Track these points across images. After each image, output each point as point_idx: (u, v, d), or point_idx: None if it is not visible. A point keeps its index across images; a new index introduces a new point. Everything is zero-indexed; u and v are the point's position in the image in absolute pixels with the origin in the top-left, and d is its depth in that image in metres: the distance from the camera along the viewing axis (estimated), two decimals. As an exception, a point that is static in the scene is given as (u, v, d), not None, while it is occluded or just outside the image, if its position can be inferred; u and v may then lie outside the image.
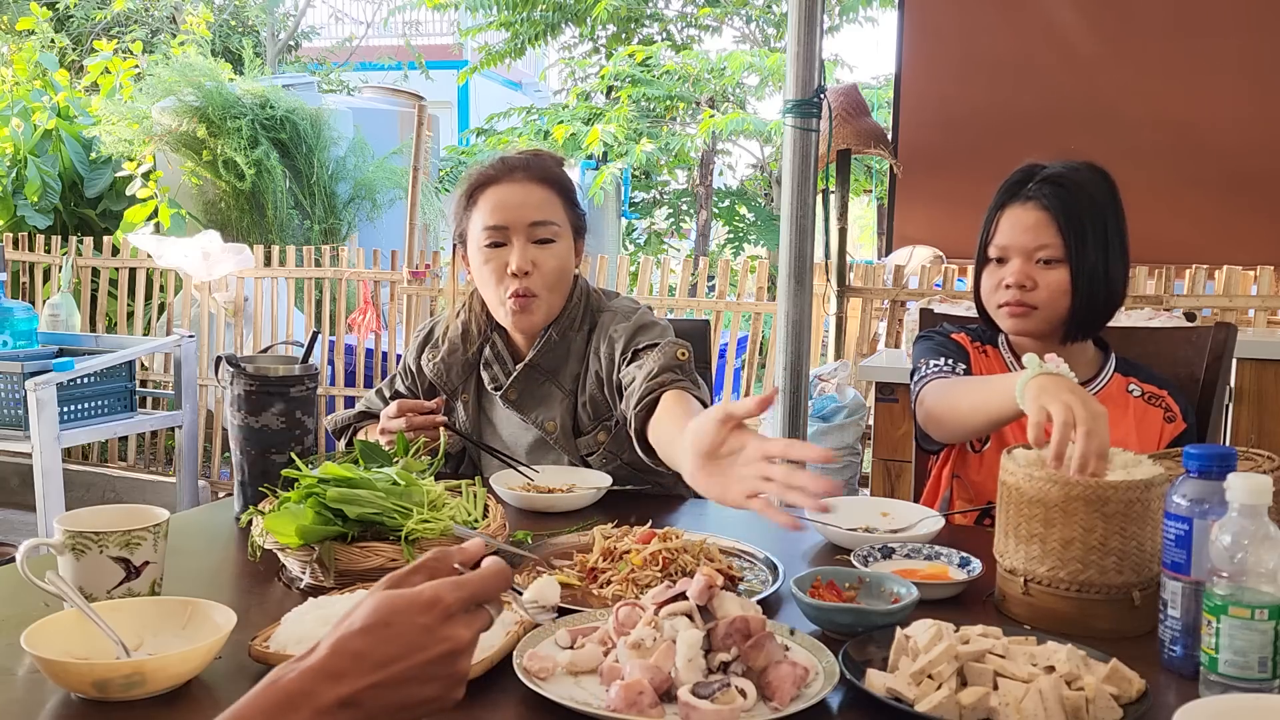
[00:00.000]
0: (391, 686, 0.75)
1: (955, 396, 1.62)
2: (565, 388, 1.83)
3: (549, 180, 1.81)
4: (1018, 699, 0.94)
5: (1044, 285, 1.68)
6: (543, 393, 1.84)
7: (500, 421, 1.91)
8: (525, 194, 1.78)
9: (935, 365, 1.73)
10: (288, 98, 6.27)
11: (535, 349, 1.83)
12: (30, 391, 3.32)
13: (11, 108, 6.16)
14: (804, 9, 2.62)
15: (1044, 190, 1.68)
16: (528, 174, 1.80)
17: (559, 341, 1.83)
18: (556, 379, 1.83)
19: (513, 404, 1.84)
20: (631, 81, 9.09)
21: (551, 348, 1.83)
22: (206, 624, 1.08)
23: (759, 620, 1.02)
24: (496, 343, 1.88)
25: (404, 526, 1.28)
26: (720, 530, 1.49)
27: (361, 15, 15.65)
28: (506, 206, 1.77)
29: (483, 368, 1.88)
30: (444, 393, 1.90)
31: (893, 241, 4.77)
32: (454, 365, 1.90)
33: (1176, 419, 1.74)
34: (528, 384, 1.84)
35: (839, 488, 1.15)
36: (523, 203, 1.77)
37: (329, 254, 5.13)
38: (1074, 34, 4.45)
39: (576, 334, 1.84)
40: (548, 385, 1.84)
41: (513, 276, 1.75)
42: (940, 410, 1.65)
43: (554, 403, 1.83)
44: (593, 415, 1.82)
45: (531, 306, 1.78)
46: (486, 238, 1.77)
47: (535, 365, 1.83)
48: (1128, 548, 1.16)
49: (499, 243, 1.77)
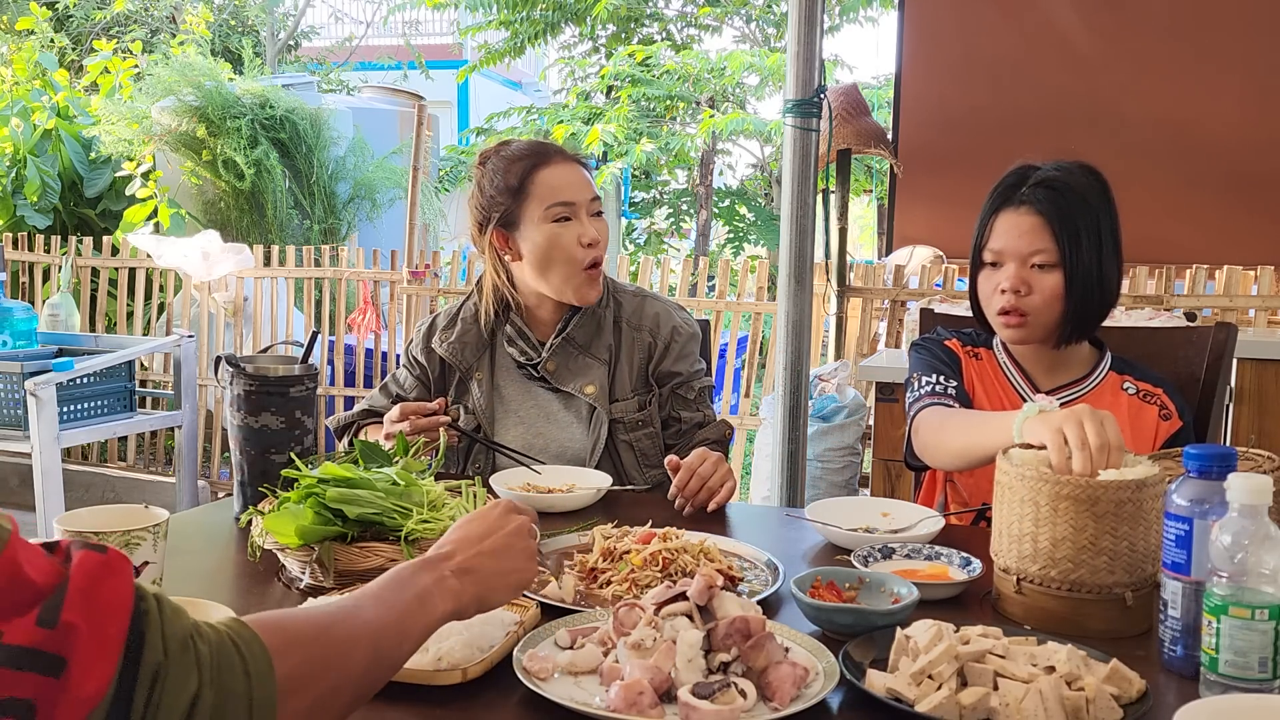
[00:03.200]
0: (490, 555, 0.99)
1: (948, 434, 1.61)
2: (600, 357, 1.93)
3: (582, 162, 1.93)
4: (1018, 699, 0.94)
5: (1039, 290, 1.68)
6: (579, 364, 1.93)
7: (516, 396, 1.95)
8: (577, 173, 1.90)
9: (928, 384, 1.74)
10: (287, 97, 6.27)
11: (570, 324, 1.92)
12: (30, 391, 3.32)
13: (11, 108, 6.16)
14: (804, 9, 2.62)
15: (1037, 194, 1.68)
16: (566, 157, 1.91)
17: (589, 316, 1.93)
18: (590, 350, 1.93)
19: (550, 374, 1.93)
20: (631, 81, 9.08)
21: (584, 322, 1.93)
22: None
23: (759, 620, 1.02)
24: (517, 321, 1.95)
25: (404, 526, 1.28)
26: (720, 530, 1.49)
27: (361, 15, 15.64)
28: (572, 185, 1.87)
29: (507, 344, 1.95)
30: (459, 371, 1.96)
31: (893, 241, 4.77)
32: (468, 345, 1.96)
33: (1173, 417, 1.73)
34: (563, 356, 1.93)
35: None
36: (582, 181, 1.89)
37: (329, 254, 5.13)
38: (1074, 34, 4.45)
39: (604, 310, 1.95)
40: (582, 357, 1.93)
41: (587, 248, 1.85)
42: (933, 444, 1.66)
43: (591, 370, 1.92)
44: (633, 385, 1.94)
45: (598, 278, 1.90)
46: (556, 214, 1.85)
47: (570, 338, 1.92)
48: (1119, 548, 1.16)
49: (567, 217, 1.85)
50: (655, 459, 1.92)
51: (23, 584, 0.66)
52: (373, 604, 0.87)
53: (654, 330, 1.94)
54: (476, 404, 1.94)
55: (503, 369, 1.96)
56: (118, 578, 0.70)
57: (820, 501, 1.62)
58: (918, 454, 1.73)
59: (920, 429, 1.70)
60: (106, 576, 0.69)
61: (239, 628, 0.76)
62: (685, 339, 1.96)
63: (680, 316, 1.99)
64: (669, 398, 1.95)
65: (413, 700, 1.00)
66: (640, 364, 1.94)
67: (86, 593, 0.68)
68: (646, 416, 1.93)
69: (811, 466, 3.47)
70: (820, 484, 3.61)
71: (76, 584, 0.68)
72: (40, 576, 0.67)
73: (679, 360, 1.95)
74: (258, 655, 0.74)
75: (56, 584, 0.67)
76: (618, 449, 1.91)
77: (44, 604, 0.66)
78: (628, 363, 1.93)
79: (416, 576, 0.92)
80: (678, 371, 1.95)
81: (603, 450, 1.89)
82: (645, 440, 1.92)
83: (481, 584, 0.97)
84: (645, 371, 1.94)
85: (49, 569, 0.68)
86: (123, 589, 0.70)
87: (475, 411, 1.93)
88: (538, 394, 1.95)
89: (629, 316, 1.95)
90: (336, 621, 0.83)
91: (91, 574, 0.69)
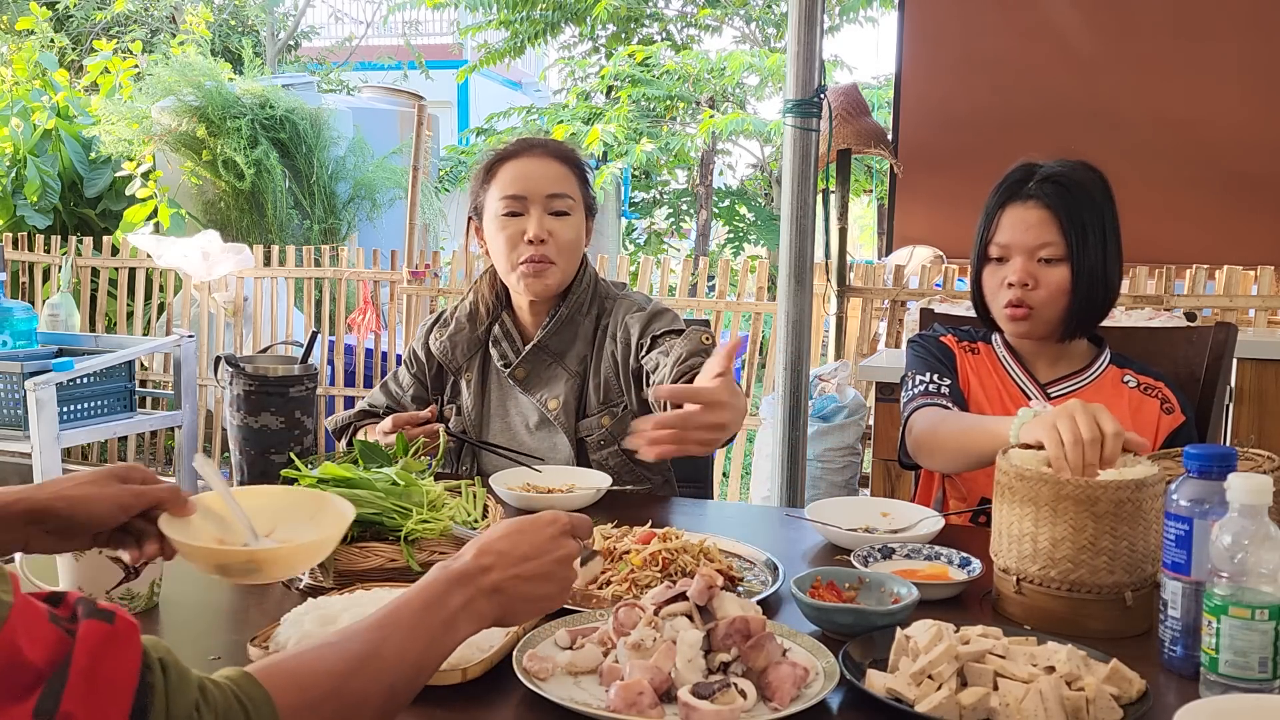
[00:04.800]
0: (527, 579, 0.93)
1: (943, 437, 1.61)
2: (571, 369, 1.87)
3: (565, 157, 1.87)
4: (1018, 699, 0.94)
5: (1045, 283, 1.69)
6: (549, 374, 1.88)
7: (505, 400, 1.93)
8: (543, 167, 1.84)
9: (922, 383, 1.74)
10: (287, 97, 6.27)
11: (544, 330, 1.87)
12: (30, 391, 3.32)
13: (11, 108, 6.16)
14: (804, 9, 2.62)
15: (1045, 189, 1.69)
16: (546, 150, 1.87)
17: (567, 323, 1.87)
18: (563, 361, 1.88)
19: (520, 382, 1.89)
20: (631, 81, 9.08)
21: (559, 329, 1.87)
22: (331, 514, 1.11)
23: (759, 620, 1.02)
24: (505, 321, 1.92)
25: (403, 526, 1.28)
26: (720, 530, 1.49)
27: (361, 15, 15.64)
28: (527, 177, 1.83)
29: (492, 345, 1.92)
30: (450, 371, 1.94)
31: (893, 241, 4.76)
32: (459, 344, 1.93)
33: (1175, 410, 1.74)
34: (535, 364, 1.89)
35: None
36: (541, 175, 1.83)
37: (329, 254, 5.13)
38: (1074, 34, 4.45)
39: (585, 318, 1.89)
40: (554, 367, 1.88)
41: (528, 244, 1.80)
42: (928, 446, 1.66)
43: (559, 383, 1.87)
44: (602, 399, 1.86)
45: (546, 273, 1.83)
46: (504, 207, 1.82)
47: (544, 346, 1.87)
48: (1118, 548, 1.16)
49: (516, 212, 1.82)
50: (630, 477, 1.85)
51: (21, 667, 0.63)
52: (399, 636, 0.84)
53: (627, 325, 1.84)
54: (465, 408, 1.92)
55: (493, 371, 1.94)
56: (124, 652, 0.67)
57: (820, 501, 1.62)
58: (911, 455, 1.73)
59: (915, 429, 1.70)
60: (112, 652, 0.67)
61: (249, 687, 0.73)
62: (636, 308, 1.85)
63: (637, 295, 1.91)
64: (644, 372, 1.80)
65: (413, 700, 0.99)
66: (610, 374, 1.86)
67: (89, 674, 0.65)
68: (612, 434, 1.83)
69: (811, 466, 3.47)
70: (820, 484, 3.61)
71: (79, 665, 0.65)
72: (41, 654, 0.64)
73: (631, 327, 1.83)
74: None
75: (58, 662, 0.64)
76: (591, 467, 1.84)
77: (44, 689, 0.63)
78: (597, 375, 1.86)
79: (449, 595, 0.89)
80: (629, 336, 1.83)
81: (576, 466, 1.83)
82: (614, 459, 1.84)
83: (506, 607, 0.93)
84: (618, 380, 1.85)
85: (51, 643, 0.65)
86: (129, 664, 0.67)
87: (464, 414, 1.92)
88: (520, 400, 1.91)
89: (605, 325, 1.88)
90: (355, 671, 0.80)
91: (95, 651, 0.66)
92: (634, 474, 1.86)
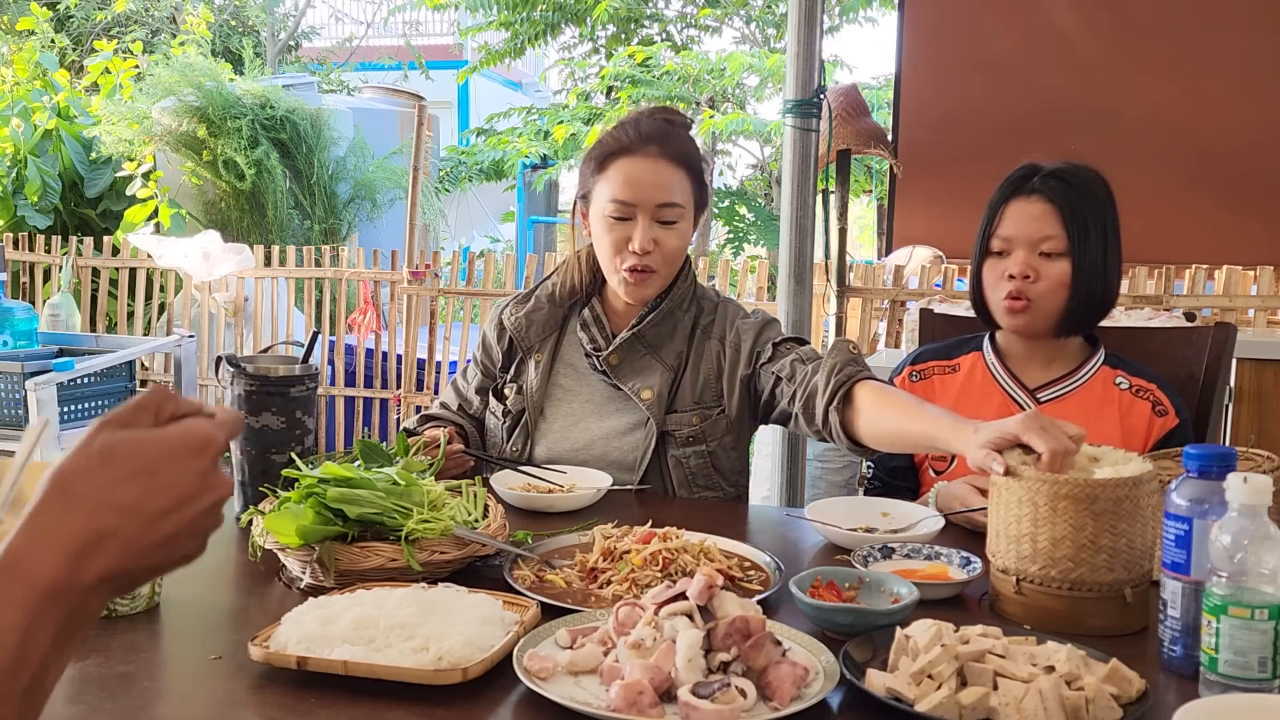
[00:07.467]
0: (162, 545, 0.62)
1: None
2: (667, 362, 1.84)
3: (680, 159, 1.80)
4: (1018, 699, 0.94)
5: (1045, 276, 1.71)
6: (643, 364, 1.85)
7: (572, 384, 1.89)
8: (656, 173, 1.77)
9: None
10: (288, 98, 6.28)
11: (644, 321, 1.84)
12: (30, 391, 3.32)
13: (11, 108, 6.17)
14: (804, 9, 2.62)
15: (1049, 184, 1.72)
16: (661, 150, 1.78)
17: (666, 317, 1.85)
18: (658, 353, 1.85)
19: (612, 369, 1.85)
20: (631, 82, 9.09)
21: (659, 322, 1.84)
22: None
23: (759, 620, 1.02)
24: (596, 306, 1.88)
25: (404, 526, 1.28)
26: (720, 530, 1.49)
27: (361, 15, 15.65)
28: (638, 184, 1.76)
29: (581, 329, 1.89)
30: (520, 348, 1.91)
31: (893, 241, 4.76)
32: (536, 322, 1.91)
33: (1168, 413, 1.74)
34: (629, 353, 1.85)
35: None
36: (654, 183, 1.77)
37: (329, 254, 5.14)
38: (1074, 34, 4.45)
39: (684, 313, 1.87)
40: (649, 358, 1.85)
41: (633, 253, 1.77)
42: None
43: (653, 374, 1.84)
44: (697, 397, 1.83)
45: (647, 281, 1.79)
46: (614, 210, 1.77)
47: (640, 336, 1.84)
48: (1118, 545, 1.17)
49: (624, 217, 1.77)
50: (705, 481, 1.82)
51: None
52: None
53: (740, 332, 1.83)
54: (528, 386, 1.89)
55: (566, 355, 1.90)
56: None
57: (820, 501, 1.62)
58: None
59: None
60: None
61: None
62: (746, 316, 1.86)
63: (736, 303, 1.92)
64: (767, 380, 1.78)
65: (413, 700, 1.00)
66: (710, 375, 1.83)
67: None
68: (701, 433, 1.81)
69: (811, 466, 3.47)
70: (820, 484, 3.61)
71: None
72: None
73: (744, 334, 1.83)
74: None
75: None
76: (667, 463, 1.81)
77: None
78: (694, 373, 1.83)
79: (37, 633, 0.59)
80: (739, 342, 1.83)
81: (649, 462, 1.81)
82: (695, 460, 1.81)
83: (128, 586, 0.64)
84: (720, 384, 1.83)
85: None
86: None
87: (525, 393, 1.89)
88: (596, 387, 1.88)
89: (706, 325, 1.86)
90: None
91: None
92: (709, 478, 1.83)
